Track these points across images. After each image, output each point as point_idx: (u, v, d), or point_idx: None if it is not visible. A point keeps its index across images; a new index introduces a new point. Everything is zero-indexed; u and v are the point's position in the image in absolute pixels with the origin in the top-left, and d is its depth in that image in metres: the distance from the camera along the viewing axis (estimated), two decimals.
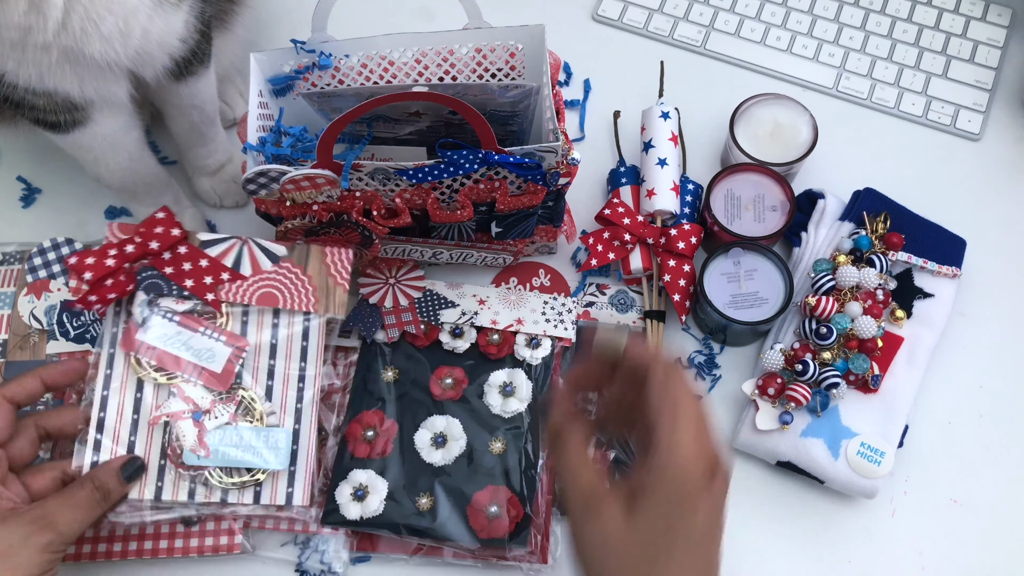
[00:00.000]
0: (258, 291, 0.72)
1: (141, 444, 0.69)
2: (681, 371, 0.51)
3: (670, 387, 0.50)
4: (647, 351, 0.52)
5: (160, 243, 0.72)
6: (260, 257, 0.74)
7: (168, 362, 0.71)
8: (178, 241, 0.73)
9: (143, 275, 0.71)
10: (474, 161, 0.67)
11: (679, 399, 0.50)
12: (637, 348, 0.52)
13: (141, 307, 0.71)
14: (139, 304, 0.71)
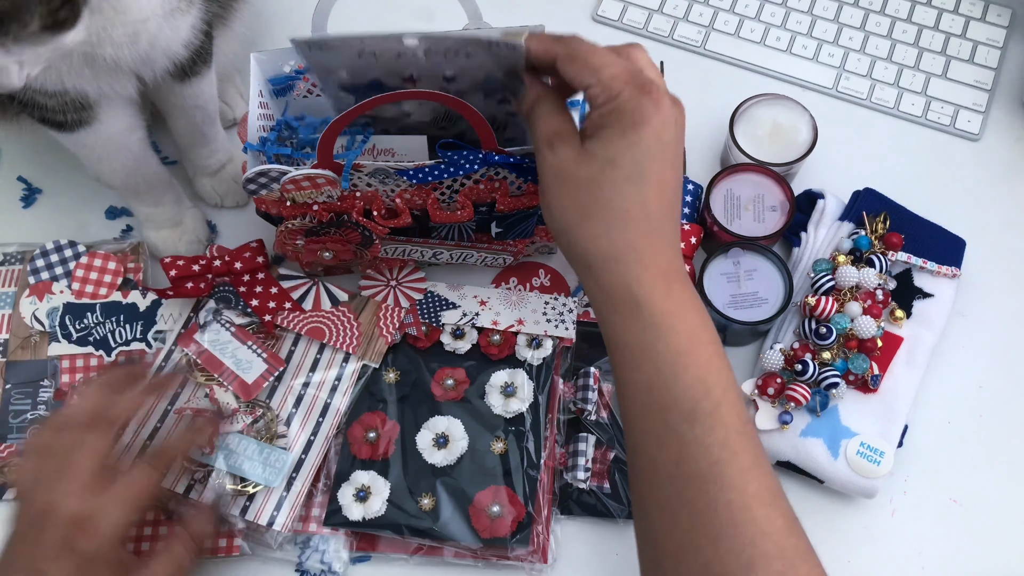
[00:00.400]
0: (310, 324, 0.79)
1: (164, 432, 0.75)
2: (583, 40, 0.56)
3: (577, 53, 0.55)
4: (546, 39, 0.57)
5: (243, 264, 0.80)
6: (324, 298, 0.82)
7: (211, 364, 0.77)
8: (259, 268, 0.81)
9: (219, 288, 0.80)
10: (474, 161, 0.67)
11: (590, 48, 0.55)
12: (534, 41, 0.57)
13: (207, 312, 0.79)
14: (206, 310, 0.80)
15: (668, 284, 0.55)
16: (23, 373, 0.80)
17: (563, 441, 0.78)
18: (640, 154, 0.53)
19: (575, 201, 0.55)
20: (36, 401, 0.79)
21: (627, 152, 0.53)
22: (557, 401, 0.78)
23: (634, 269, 0.54)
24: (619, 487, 0.76)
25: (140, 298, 0.82)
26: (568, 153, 0.55)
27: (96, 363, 0.80)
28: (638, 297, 0.54)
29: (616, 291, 0.55)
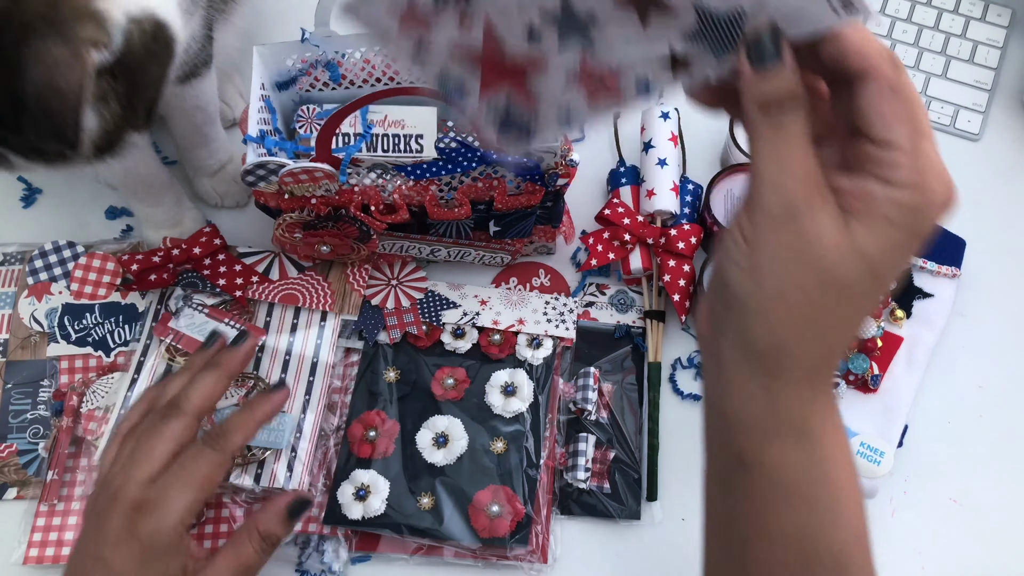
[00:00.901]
0: (282, 291, 0.80)
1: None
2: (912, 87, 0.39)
3: (904, 94, 0.39)
4: (873, 42, 0.39)
5: (202, 250, 0.81)
6: (288, 266, 0.83)
7: (192, 346, 0.77)
8: (218, 249, 0.82)
9: (183, 275, 0.81)
10: (472, 159, 0.67)
11: (916, 105, 0.39)
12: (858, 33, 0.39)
13: (177, 300, 0.80)
14: (175, 297, 0.80)
15: (834, 410, 0.44)
16: (23, 373, 0.80)
17: (563, 441, 0.77)
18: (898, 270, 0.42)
19: (807, 295, 0.39)
20: (36, 401, 0.79)
21: (896, 265, 0.41)
22: (557, 401, 0.78)
23: (820, 388, 0.42)
24: (619, 487, 0.76)
25: (139, 298, 0.82)
26: (829, 231, 0.39)
27: (95, 363, 0.80)
28: (811, 423, 0.42)
29: (791, 411, 0.42)
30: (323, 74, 0.78)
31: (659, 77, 0.40)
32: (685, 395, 0.81)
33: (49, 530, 0.74)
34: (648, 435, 0.78)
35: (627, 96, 0.41)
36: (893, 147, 0.38)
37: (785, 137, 0.39)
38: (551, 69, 0.41)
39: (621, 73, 0.40)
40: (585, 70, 0.41)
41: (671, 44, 0.39)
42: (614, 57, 0.40)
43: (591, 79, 0.41)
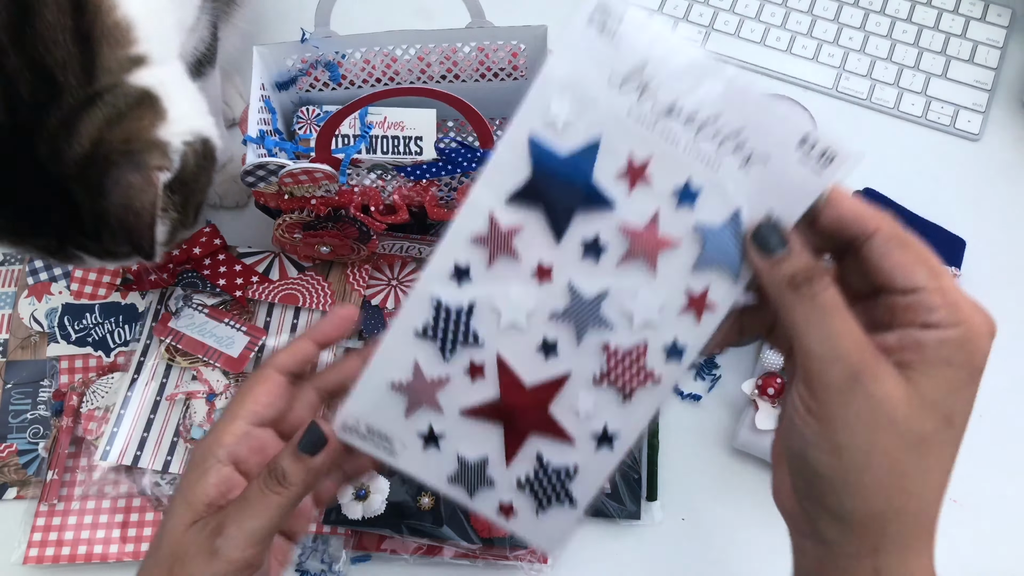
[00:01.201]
0: (282, 292, 0.80)
1: (159, 421, 0.76)
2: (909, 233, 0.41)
3: (910, 241, 0.40)
4: (864, 205, 0.41)
5: (202, 250, 0.81)
6: (288, 267, 0.83)
7: (192, 346, 0.77)
8: (218, 249, 0.82)
9: (183, 275, 0.81)
10: (472, 159, 0.67)
11: (925, 249, 0.40)
12: (848, 200, 0.41)
13: (176, 300, 0.80)
14: (175, 297, 0.80)
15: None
16: (22, 373, 0.80)
17: None
18: (969, 410, 0.41)
19: (895, 462, 0.40)
20: (36, 401, 0.79)
21: (966, 406, 0.41)
22: None
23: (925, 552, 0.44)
24: (619, 487, 0.76)
25: (139, 298, 0.82)
26: (895, 389, 0.39)
27: (95, 363, 0.80)
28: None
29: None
30: (323, 74, 0.78)
31: (685, 333, 0.42)
32: (685, 395, 0.81)
33: (49, 530, 0.74)
34: (648, 435, 0.78)
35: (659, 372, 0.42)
36: (922, 291, 0.39)
37: (824, 308, 0.39)
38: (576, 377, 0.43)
39: (647, 347, 0.42)
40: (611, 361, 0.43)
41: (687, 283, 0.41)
42: (633, 320, 0.42)
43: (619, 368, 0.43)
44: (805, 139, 0.39)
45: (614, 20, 0.38)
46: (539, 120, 0.40)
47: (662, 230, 0.41)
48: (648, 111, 0.39)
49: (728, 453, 0.80)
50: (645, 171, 0.40)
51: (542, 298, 0.42)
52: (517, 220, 0.41)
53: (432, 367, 0.44)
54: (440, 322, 0.43)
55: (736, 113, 0.39)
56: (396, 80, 0.79)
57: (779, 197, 0.40)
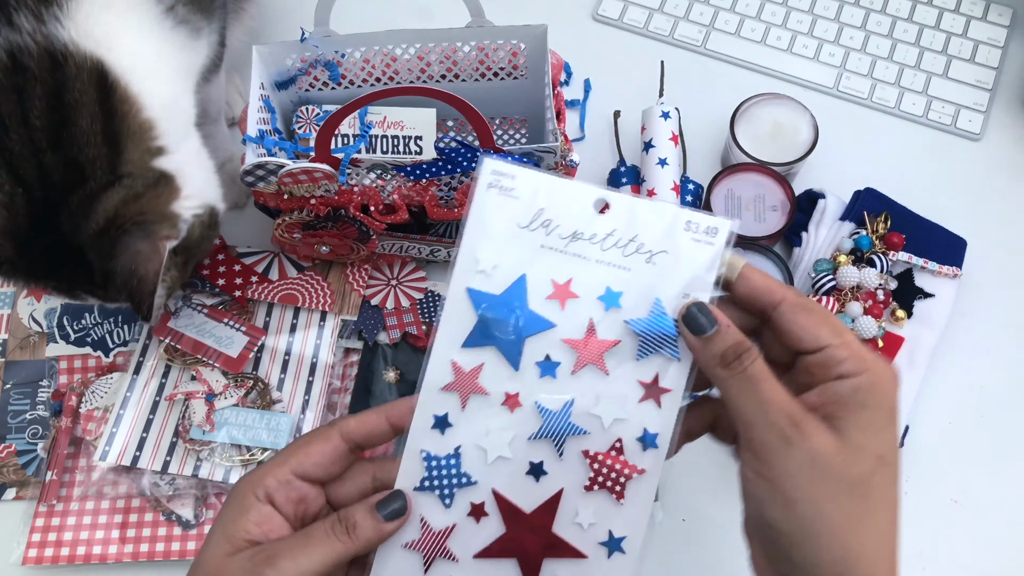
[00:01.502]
0: (281, 292, 0.80)
1: (158, 421, 0.76)
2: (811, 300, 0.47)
3: (812, 306, 0.45)
4: (769, 278, 0.46)
5: None
6: (288, 266, 0.83)
7: (191, 346, 0.78)
8: (218, 249, 0.82)
9: None
10: (472, 159, 0.67)
11: (826, 312, 0.46)
12: (756, 274, 0.46)
13: (176, 300, 0.80)
14: (175, 297, 0.80)
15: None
16: (22, 373, 0.80)
17: None
18: (896, 447, 0.46)
19: (841, 507, 0.44)
20: (35, 401, 0.79)
21: (892, 444, 0.45)
22: None
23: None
24: None
25: None
26: (826, 442, 0.43)
27: (94, 363, 0.80)
28: None
29: None
30: (323, 74, 0.78)
31: (652, 420, 0.47)
32: None
33: (48, 530, 0.74)
34: None
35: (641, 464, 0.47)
36: (829, 348, 0.44)
37: (753, 379, 0.44)
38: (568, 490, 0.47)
39: (623, 442, 0.47)
40: (594, 465, 0.47)
41: (637, 375, 0.47)
42: (602, 420, 0.47)
43: (603, 470, 0.47)
44: (689, 223, 0.46)
45: (508, 179, 0.47)
46: (471, 273, 0.47)
47: (600, 334, 0.47)
48: (556, 241, 0.47)
49: (728, 453, 0.79)
50: (569, 288, 0.47)
51: (517, 424, 0.47)
52: (477, 360, 0.47)
53: (437, 518, 0.47)
54: (434, 472, 0.47)
55: (626, 222, 0.47)
56: (396, 79, 0.79)
57: (688, 274, 0.46)
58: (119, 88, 0.59)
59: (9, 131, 0.57)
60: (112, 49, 0.59)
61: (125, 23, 0.60)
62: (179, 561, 0.74)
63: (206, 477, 0.74)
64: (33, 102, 0.57)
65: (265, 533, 0.46)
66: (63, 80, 0.57)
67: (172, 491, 0.75)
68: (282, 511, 0.47)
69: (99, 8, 0.59)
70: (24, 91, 0.57)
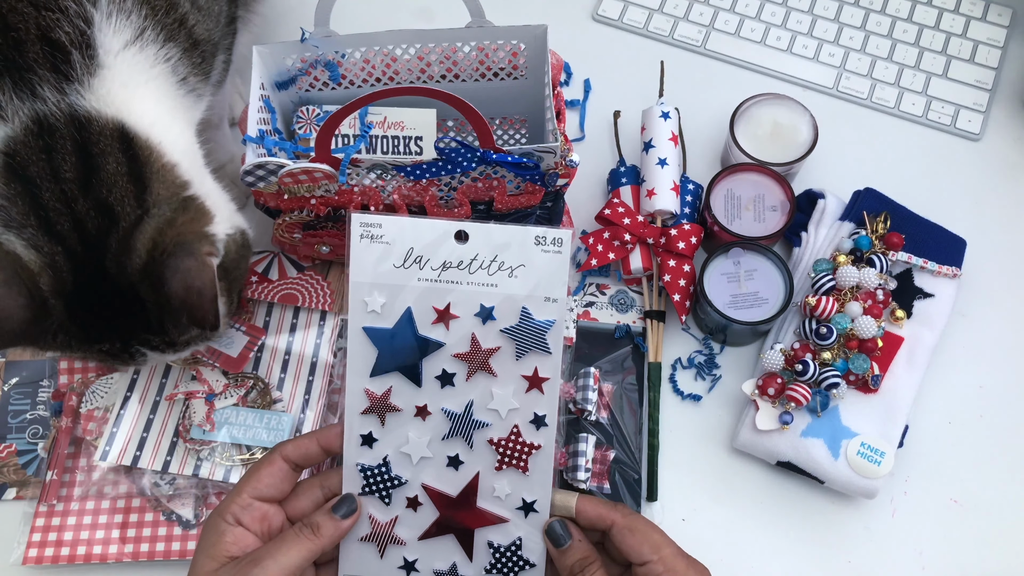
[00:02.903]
0: (281, 291, 0.80)
1: (158, 421, 0.76)
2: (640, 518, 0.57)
3: (636, 527, 0.56)
4: (600, 504, 0.57)
5: None
6: (288, 266, 0.83)
7: None
8: None
9: None
10: (472, 159, 0.67)
11: (649, 530, 0.56)
12: (588, 505, 0.57)
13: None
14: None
15: None
16: (22, 373, 0.80)
17: (563, 441, 0.77)
18: None
19: None
20: (35, 401, 0.79)
21: None
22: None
23: None
24: (619, 487, 0.76)
25: None
26: None
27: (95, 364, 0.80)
28: None
29: None
30: (323, 74, 0.78)
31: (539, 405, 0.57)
32: (685, 395, 0.81)
33: (48, 530, 0.74)
34: (648, 435, 0.78)
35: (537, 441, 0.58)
36: (649, 563, 0.54)
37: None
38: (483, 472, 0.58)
39: (519, 427, 0.57)
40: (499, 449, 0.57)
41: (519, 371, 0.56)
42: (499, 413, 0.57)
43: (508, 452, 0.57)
44: (537, 237, 0.55)
45: (376, 228, 0.55)
46: (363, 314, 0.55)
47: (483, 344, 0.56)
48: (430, 273, 0.55)
49: (728, 453, 0.80)
50: (450, 311, 0.55)
51: (431, 429, 0.57)
52: (385, 385, 0.56)
53: (381, 514, 0.58)
54: (370, 479, 0.57)
55: (485, 246, 0.55)
56: (396, 80, 0.79)
57: (542, 279, 0.55)
58: (140, 139, 0.63)
59: (42, 190, 0.60)
60: (132, 112, 0.63)
61: (143, 94, 0.65)
62: (179, 561, 0.74)
63: (206, 477, 0.74)
64: (63, 156, 0.60)
65: (242, 549, 0.55)
66: (88, 137, 0.61)
67: (172, 491, 0.75)
68: (250, 529, 0.55)
69: (119, 85, 0.63)
70: (53, 149, 0.60)
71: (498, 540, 0.58)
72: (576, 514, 0.57)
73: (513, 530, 0.58)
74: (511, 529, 0.58)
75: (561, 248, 0.55)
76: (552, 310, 0.56)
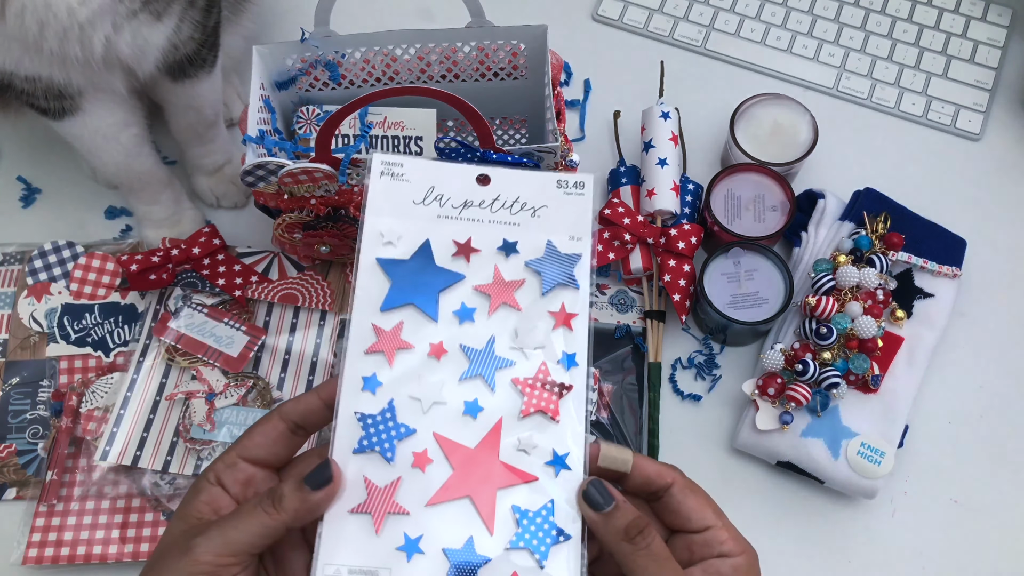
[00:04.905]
0: (281, 291, 0.80)
1: (158, 421, 0.76)
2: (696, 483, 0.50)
3: (697, 488, 0.49)
4: (659, 464, 0.50)
5: (201, 249, 0.81)
6: (288, 266, 0.83)
7: (192, 346, 0.78)
8: (218, 249, 0.82)
9: (182, 275, 0.81)
10: (472, 159, 0.67)
11: (707, 495, 0.49)
12: (647, 463, 0.49)
13: (176, 300, 0.81)
14: (175, 297, 0.81)
15: None
16: (22, 373, 0.80)
17: None
18: None
19: None
20: (35, 401, 0.79)
21: None
22: None
23: None
24: None
25: (138, 299, 0.82)
26: None
27: (95, 363, 0.80)
28: None
29: None
30: (323, 74, 0.78)
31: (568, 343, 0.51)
32: (685, 395, 0.81)
33: (48, 530, 0.74)
34: (648, 435, 0.78)
35: (568, 380, 0.50)
36: (712, 528, 0.48)
37: (657, 557, 0.46)
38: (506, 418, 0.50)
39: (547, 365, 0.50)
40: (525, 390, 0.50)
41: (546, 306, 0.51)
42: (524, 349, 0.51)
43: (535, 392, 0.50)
44: (560, 181, 0.53)
45: (397, 167, 0.52)
46: (378, 246, 0.51)
47: (506, 276, 0.52)
48: (450, 210, 0.52)
49: (728, 453, 0.79)
50: (471, 245, 0.52)
51: (446, 369, 0.50)
52: (396, 320, 0.50)
53: (381, 475, 0.47)
54: (371, 430, 0.48)
55: (508, 189, 0.53)
56: (396, 80, 0.79)
57: (568, 219, 0.53)
58: None
59: None
60: None
61: None
62: None
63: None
64: None
65: (215, 511, 0.48)
66: None
67: (172, 491, 0.75)
68: (230, 491, 0.48)
69: None
70: None
71: (526, 503, 0.48)
72: (634, 469, 0.49)
73: (543, 490, 0.48)
74: (541, 489, 0.48)
75: (584, 191, 0.53)
76: (578, 246, 0.52)
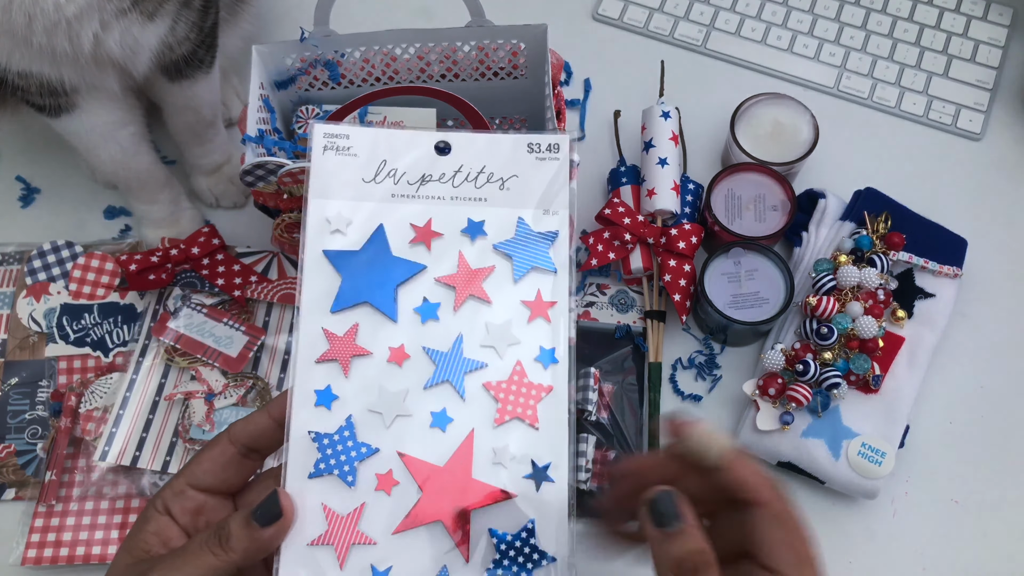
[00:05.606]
0: (281, 291, 0.80)
1: (157, 421, 0.76)
2: (796, 512, 0.42)
3: (788, 518, 0.42)
4: (760, 474, 0.42)
5: (201, 249, 0.81)
6: (287, 266, 0.83)
7: (191, 346, 0.78)
8: (217, 249, 0.82)
9: (181, 275, 0.81)
10: None
11: (799, 533, 0.42)
12: (746, 467, 0.42)
13: (175, 300, 0.81)
14: (174, 297, 0.81)
15: None
16: (21, 373, 0.80)
17: None
18: None
19: None
20: (34, 401, 0.79)
21: None
22: None
23: None
24: None
25: (138, 299, 0.82)
26: None
27: (94, 364, 0.80)
28: None
29: None
30: (322, 73, 0.78)
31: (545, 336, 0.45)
32: (685, 395, 0.81)
33: (47, 531, 0.74)
34: (648, 436, 0.78)
35: (546, 381, 0.45)
36: (775, 567, 0.40)
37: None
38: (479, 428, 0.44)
39: (522, 364, 0.45)
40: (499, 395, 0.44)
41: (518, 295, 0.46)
42: (496, 348, 0.45)
43: (510, 397, 0.44)
44: (530, 144, 0.47)
45: (343, 139, 0.46)
46: (324, 235, 0.45)
47: (473, 264, 0.45)
48: (406, 188, 0.46)
49: None
50: (431, 228, 0.46)
51: (409, 376, 0.44)
52: (350, 322, 0.44)
53: (342, 502, 0.42)
54: (327, 451, 0.43)
55: (472, 157, 0.46)
56: (396, 79, 0.79)
57: (540, 190, 0.46)
58: None
59: None
60: None
61: None
62: None
63: None
64: None
65: (163, 543, 0.44)
66: None
67: None
68: (179, 521, 0.45)
69: None
70: None
71: (503, 525, 0.42)
72: (730, 467, 0.42)
73: (522, 509, 0.43)
74: (519, 508, 0.43)
75: (558, 155, 0.47)
76: (553, 222, 0.46)
